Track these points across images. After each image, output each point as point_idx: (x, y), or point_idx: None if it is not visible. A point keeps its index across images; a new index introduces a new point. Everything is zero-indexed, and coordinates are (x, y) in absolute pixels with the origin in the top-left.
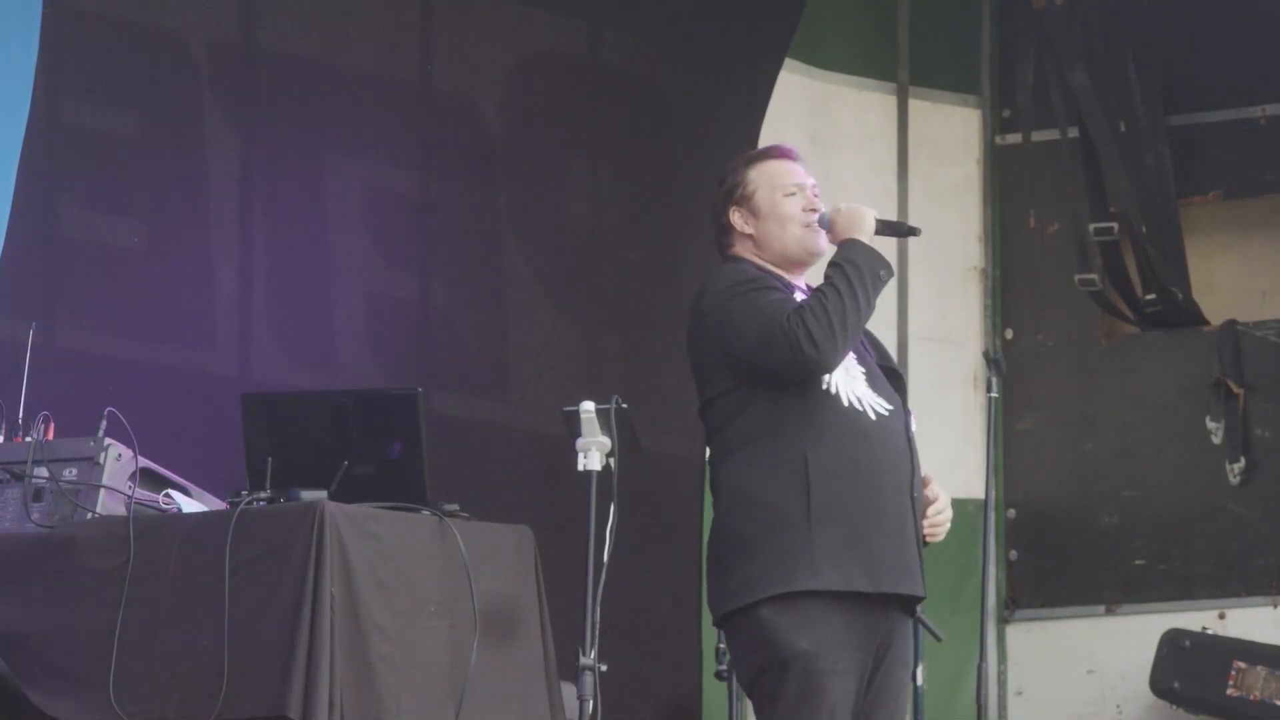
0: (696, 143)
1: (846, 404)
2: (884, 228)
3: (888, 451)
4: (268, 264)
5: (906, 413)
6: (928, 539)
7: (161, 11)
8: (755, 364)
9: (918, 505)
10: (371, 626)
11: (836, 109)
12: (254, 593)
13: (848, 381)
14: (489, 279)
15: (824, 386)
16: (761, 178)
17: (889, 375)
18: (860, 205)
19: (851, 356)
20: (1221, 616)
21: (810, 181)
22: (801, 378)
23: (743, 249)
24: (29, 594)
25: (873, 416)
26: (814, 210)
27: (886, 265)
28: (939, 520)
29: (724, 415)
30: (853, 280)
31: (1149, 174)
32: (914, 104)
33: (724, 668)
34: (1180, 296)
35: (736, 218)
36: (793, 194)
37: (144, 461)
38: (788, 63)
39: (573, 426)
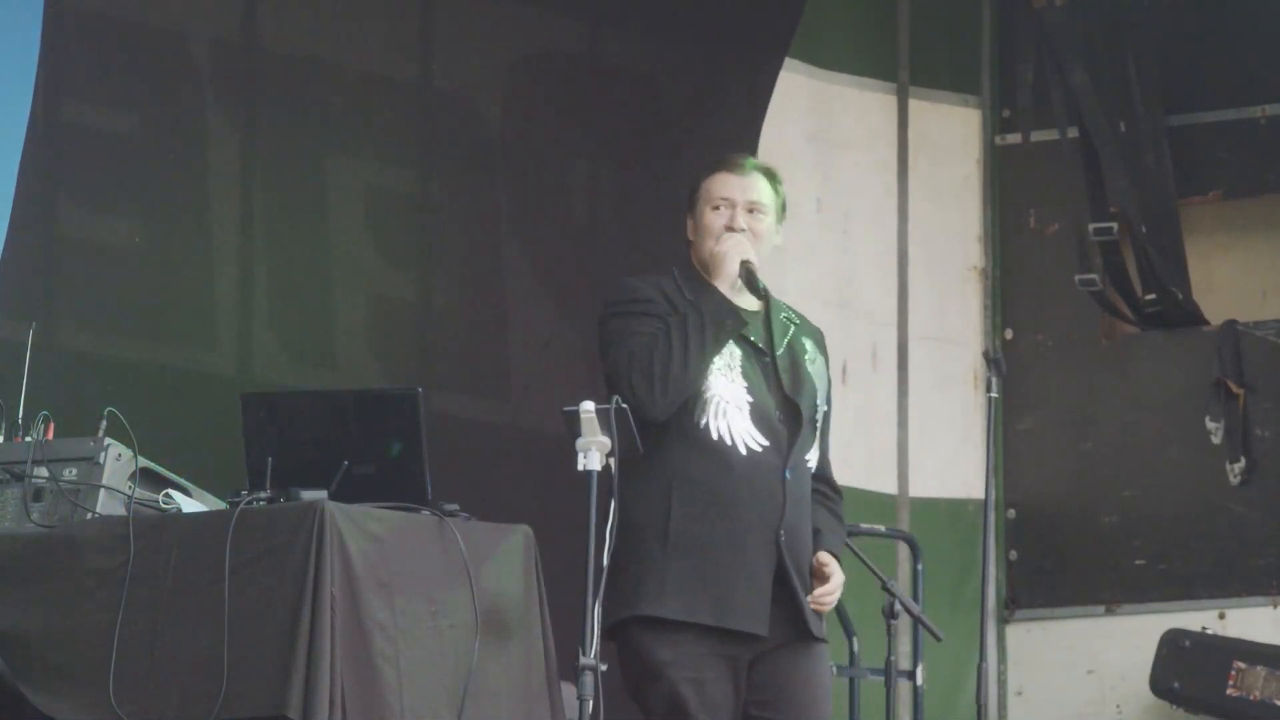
0: (697, 143)
1: (716, 438)
2: (746, 278)
3: (754, 488)
4: (268, 263)
5: (794, 451)
6: (815, 608)
7: (162, 11)
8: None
9: (786, 543)
10: (373, 626)
11: (837, 108)
12: (254, 593)
13: (727, 414)
14: (489, 278)
15: (695, 418)
16: (704, 188)
17: (789, 410)
18: (733, 248)
19: (743, 387)
20: (1221, 616)
21: (746, 198)
22: (639, 420)
23: (693, 256)
24: (29, 594)
25: (743, 452)
26: (732, 228)
27: (734, 315)
28: (824, 601)
29: None
30: (689, 330)
31: (1149, 174)
32: (914, 104)
33: None
34: (1180, 296)
35: (689, 225)
36: (717, 208)
37: (144, 461)
38: (789, 62)
39: (573, 426)
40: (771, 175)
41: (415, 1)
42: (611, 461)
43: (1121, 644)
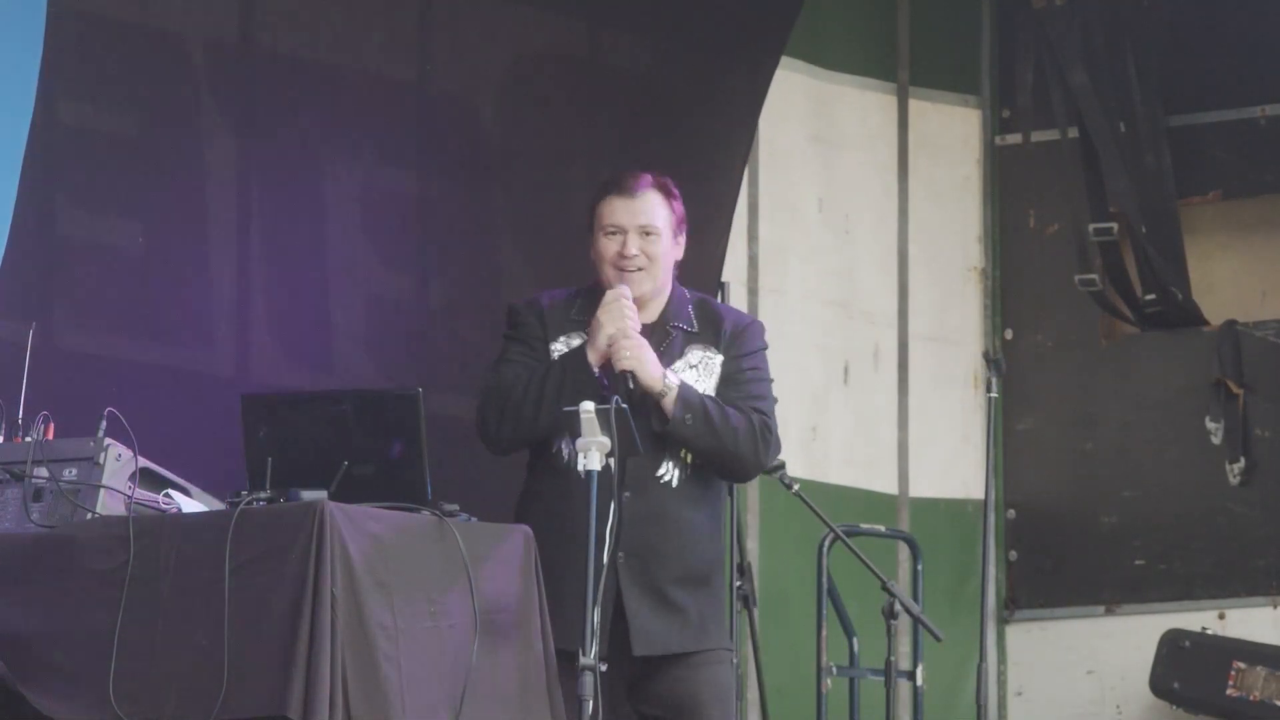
0: (695, 143)
1: (565, 461)
2: (622, 384)
3: (588, 512)
4: (266, 264)
5: (630, 472)
6: (617, 364)
7: (161, 13)
8: None
9: (629, 564)
10: (375, 626)
11: (837, 109)
12: (254, 593)
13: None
14: (488, 279)
15: (551, 445)
16: (598, 212)
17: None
18: (612, 319)
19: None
20: (1221, 617)
21: (638, 222)
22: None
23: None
24: (29, 594)
25: (581, 473)
26: (625, 255)
27: (591, 381)
28: (615, 351)
29: None
30: (546, 387)
31: (1149, 174)
32: (914, 104)
33: None
34: (1180, 296)
35: (592, 247)
36: (612, 234)
37: (144, 461)
38: (790, 62)
39: (573, 426)
40: (665, 190)
41: (413, 2)
42: (611, 461)
43: (1121, 644)
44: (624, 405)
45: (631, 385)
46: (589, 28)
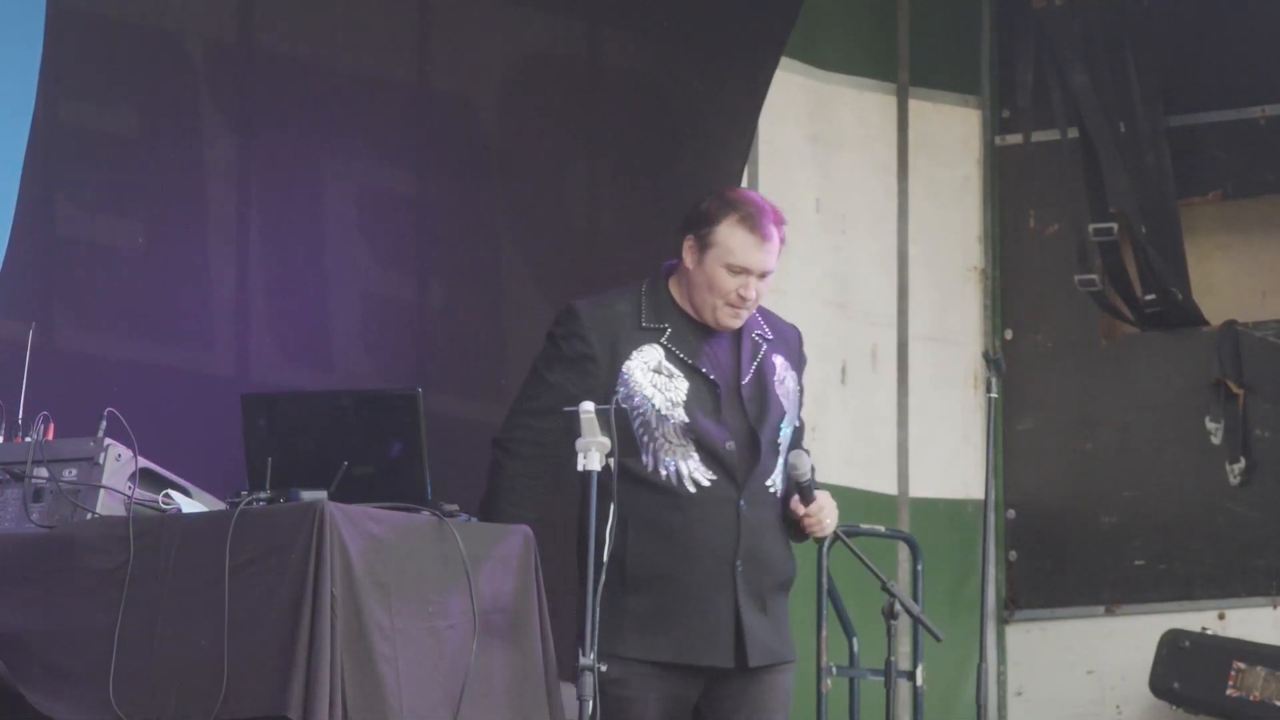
0: (695, 142)
1: (664, 478)
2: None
3: (706, 524)
4: (266, 264)
5: (750, 481)
6: (812, 534)
7: (161, 13)
8: None
9: (745, 573)
10: (373, 627)
11: (837, 109)
12: (254, 593)
13: (672, 455)
14: (487, 279)
15: (643, 462)
16: (722, 238)
17: (752, 443)
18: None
19: (683, 422)
20: (1221, 617)
21: (764, 267)
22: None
23: (680, 275)
24: (28, 594)
25: (691, 490)
26: (745, 298)
27: None
28: (810, 524)
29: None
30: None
31: (1149, 174)
32: (914, 104)
33: None
34: (1180, 297)
35: (688, 249)
36: (737, 273)
37: (144, 461)
38: (789, 63)
39: (573, 426)
40: (781, 223)
41: (413, 2)
42: (611, 461)
43: (1121, 644)
44: (623, 406)
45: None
46: (589, 28)
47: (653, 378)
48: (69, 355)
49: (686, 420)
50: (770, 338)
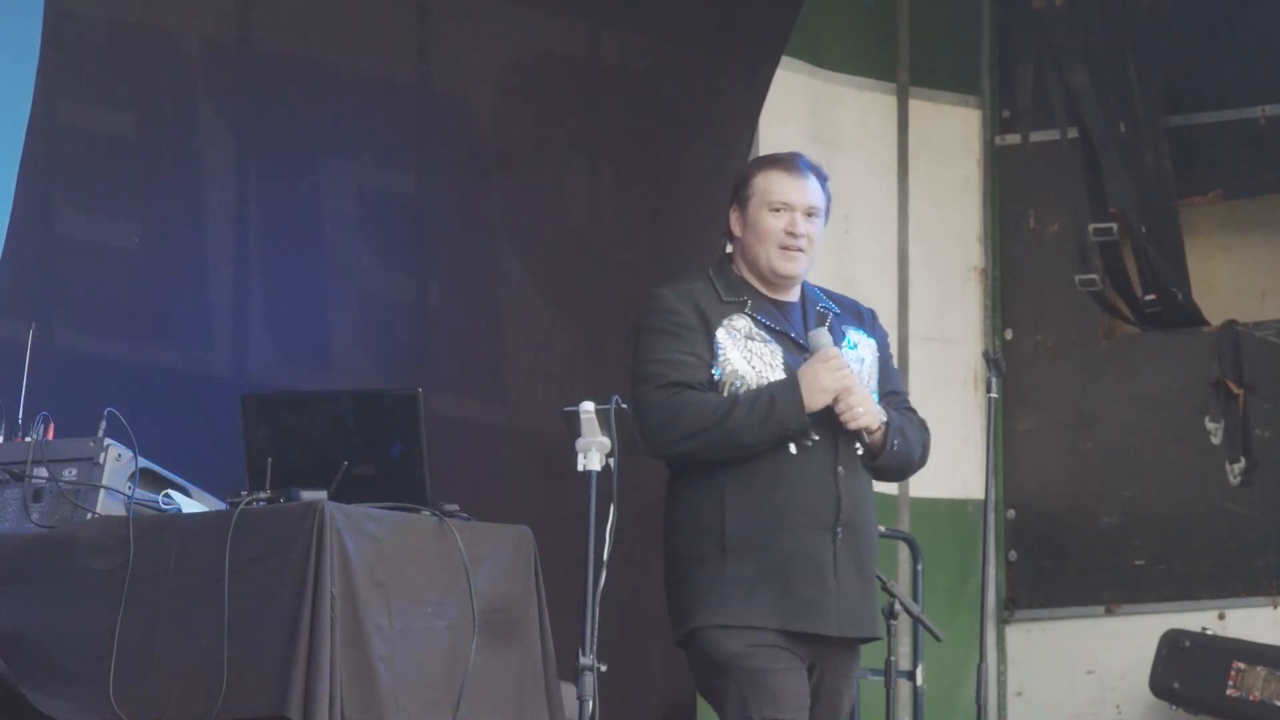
0: (694, 143)
1: None
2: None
3: (806, 487)
4: (264, 264)
5: (843, 445)
6: (849, 424)
7: (158, 13)
8: None
9: (844, 539)
10: (371, 627)
11: (837, 109)
12: (254, 593)
13: None
14: (486, 279)
15: None
16: (759, 185)
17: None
18: (835, 383)
19: None
20: (1221, 617)
21: (807, 202)
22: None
23: (735, 250)
24: (29, 594)
25: (793, 451)
26: (794, 234)
27: (799, 426)
28: (842, 411)
29: None
30: (751, 419)
31: (1149, 174)
32: (914, 104)
33: None
34: (1180, 297)
35: (734, 218)
36: (777, 210)
37: (144, 461)
38: (790, 62)
39: (573, 426)
40: (822, 176)
41: (412, 2)
42: (611, 461)
43: (1121, 644)
44: (623, 406)
45: (866, 439)
46: (589, 28)
47: (745, 345)
48: (69, 355)
49: None
50: (838, 311)
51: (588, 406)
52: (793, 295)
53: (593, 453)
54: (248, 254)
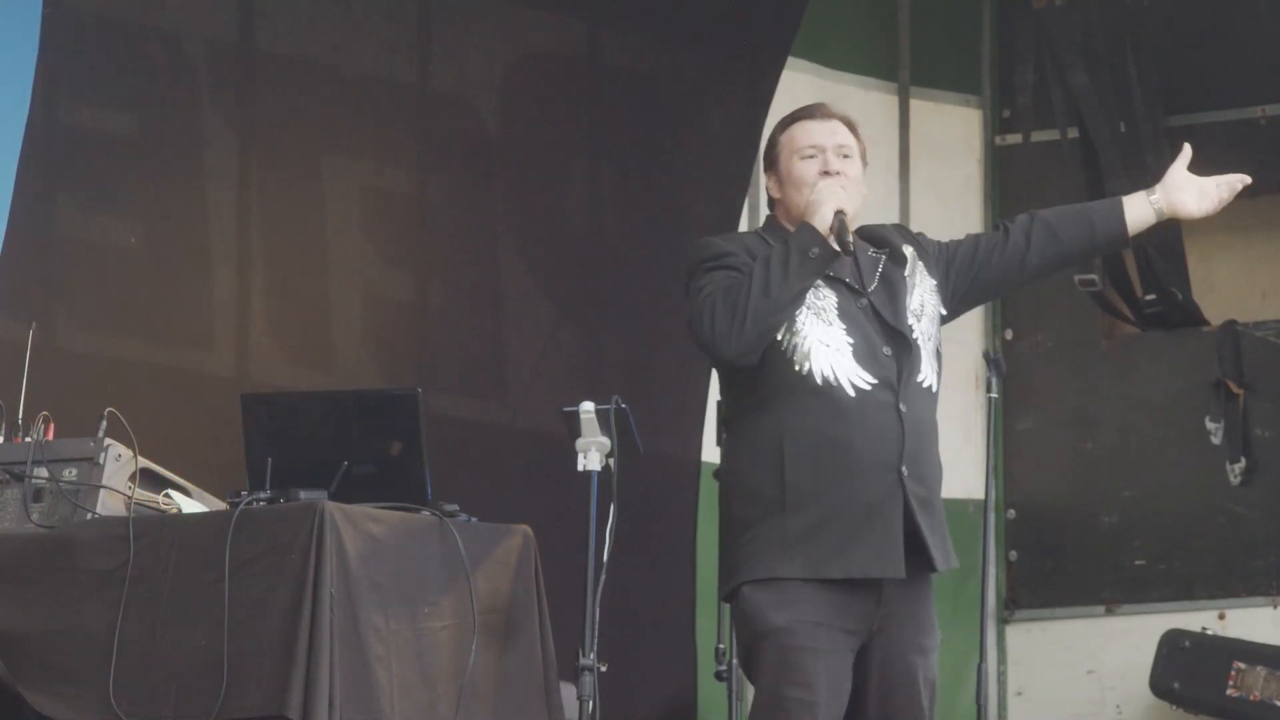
0: (697, 143)
1: (821, 381)
2: (838, 229)
3: (867, 429)
4: (266, 264)
5: (904, 381)
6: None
7: (159, 12)
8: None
9: (911, 478)
10: (367, 628)
11: (839, 108)
12: (254, 593)
13: (827, 356)
14: (487, 279)
15: (796, 366)
16: (785, 140)
17: (897, 341)
18: (827, 196)
19: (841, 329)
20: (1221, 617)
21: (834, 142)
22: (714, 361)
23: (778, 213)
24: (29, 594)
25: (851, 393)
26: (829, 173)
27: (820, 242)
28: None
29: (723, 394)
30: (772, 262)
31: (1149, 174)
32: (915, 104)
33: (723, 668)
34: (1180, 296)
35: (770, 182)
36: (810, 156)
37: (144, 461)
38: (794, 61)
39: (573, 426)
40: (851, 123)
41: (413, 2)
42: (611, 461)
43: (1121, 644)
44: (623, 406)
45: (848, 239)
46: (589, 28)
47: None
48: (69, 355)
49: (845, 324)
50: (884, 254)
51: (588, 406)
52: None
53: (593, 453)
54: (249, 254)
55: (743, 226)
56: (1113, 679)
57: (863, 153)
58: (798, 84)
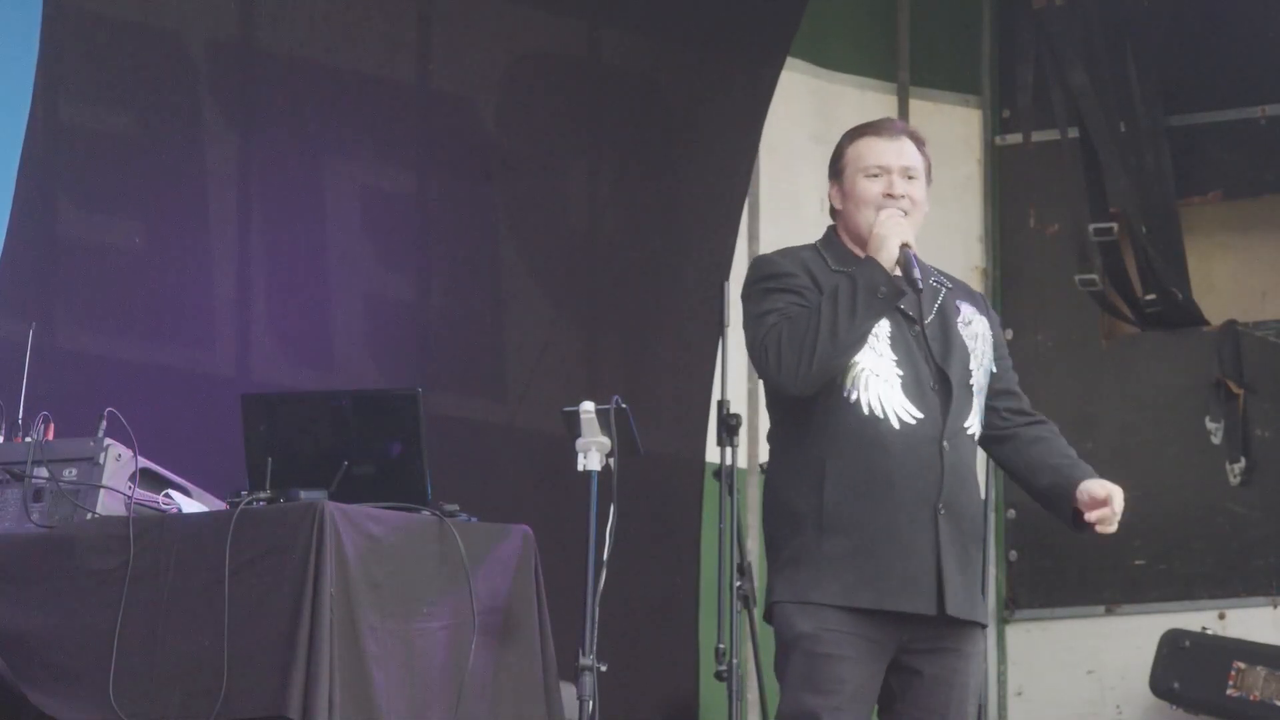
0: (697, 143)
1: (868, 412)
2: (904, 264)
3: (909, 462)
4: (266, 264)
5: (950, 421)
6: (1099, 529)
7: (160, 12)
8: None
9: (947, 518)
10: (364, 628)
11: (838, 108)
12: (254, 593)
13: (877, 387)
14: (488, 279)
15: (845, 393)
16: (852, 154)
17: (942, 379)
18: (892, 231)
19: (892, 359)
20: (1221, 617)
21: (902, 163)
22: (777, 395)
23: (839, 224)
24: (29, 594)
25: (895, 425)
26: (892, 196)
27: (889, 284)
28: (1099, 518)
29: (771, 414)
30: (839, 299)
31: (1149, 174)
32: (915, 104)
33: (723, 668)
34: (1180, 296)
35: (833, 192)
36: (874, 176)
37: (144, 461)
38: (792, 61)
39: (573, 426)
40: (918, 139)
41: (413, 2)
42: (611, 461)
43: (1121, 644)
44: (623, 406)
45: (914, 274)
46: (589, 28)
47: None
48: (69, 355)
49: (895, 355)
50: (950, 285)
51: (588, 406)
52: None
53: (593, 453)
54: (250, 253)
55: (743, 226)
56: (1113, 679)
57: (928, 169)
58: (797, 84)
